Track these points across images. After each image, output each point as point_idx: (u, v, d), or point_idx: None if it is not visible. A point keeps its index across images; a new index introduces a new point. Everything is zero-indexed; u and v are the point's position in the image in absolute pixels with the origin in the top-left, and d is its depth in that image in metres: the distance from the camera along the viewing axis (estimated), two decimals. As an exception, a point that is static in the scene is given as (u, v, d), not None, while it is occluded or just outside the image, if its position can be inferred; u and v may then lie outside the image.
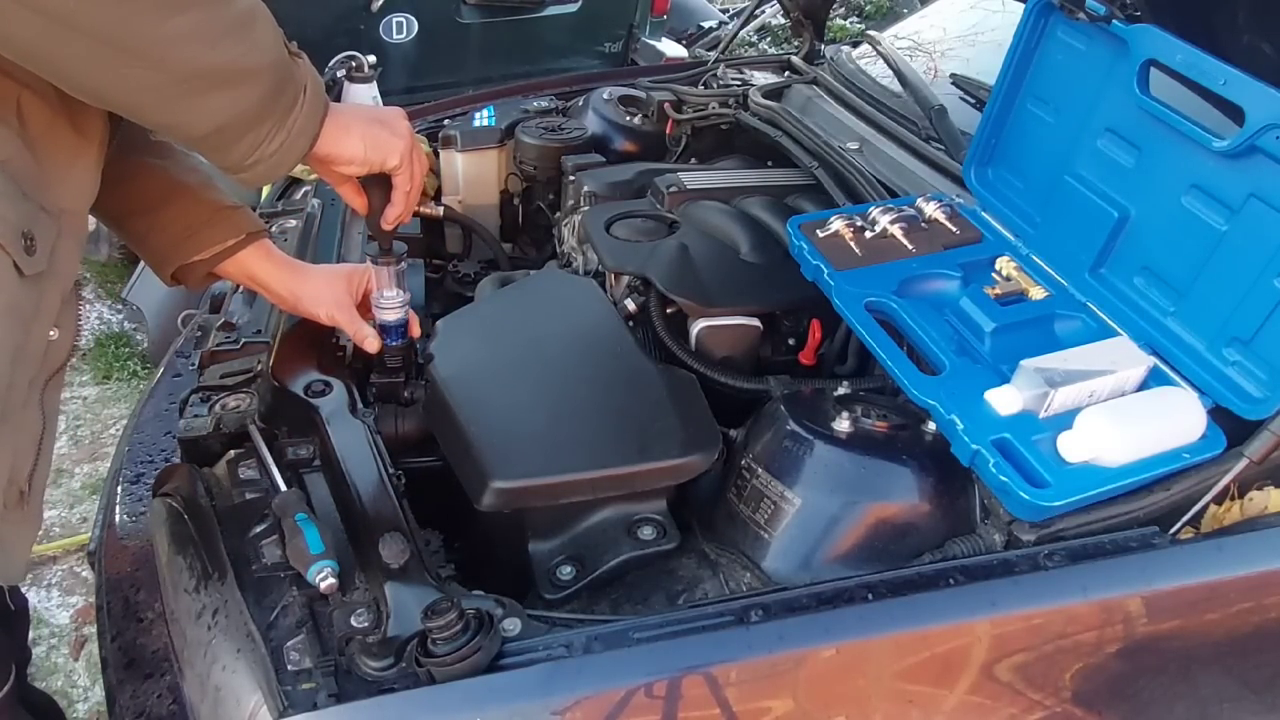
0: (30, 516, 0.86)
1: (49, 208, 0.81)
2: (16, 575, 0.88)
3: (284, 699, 0.80)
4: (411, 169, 1.02)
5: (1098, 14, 1.22)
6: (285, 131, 0.83)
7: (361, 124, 0.95)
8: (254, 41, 0.77)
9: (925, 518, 1.08)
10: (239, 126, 0.80)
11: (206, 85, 0.75)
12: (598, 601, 1.09)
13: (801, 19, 2.20)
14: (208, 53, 0.73)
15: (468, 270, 1.98)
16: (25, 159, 0.78)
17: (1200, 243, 1.14)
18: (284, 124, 0.83)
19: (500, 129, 2.04)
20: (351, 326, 1.19)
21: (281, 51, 0.81)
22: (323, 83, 0.89)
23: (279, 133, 0.82)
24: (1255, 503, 1.08)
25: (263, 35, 0.78)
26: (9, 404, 0.79)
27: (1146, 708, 1.03)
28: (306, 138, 0.86)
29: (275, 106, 0.81)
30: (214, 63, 0.74)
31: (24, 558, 0.88)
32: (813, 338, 1.48)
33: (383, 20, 3.12)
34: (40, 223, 0.80)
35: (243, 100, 0.78)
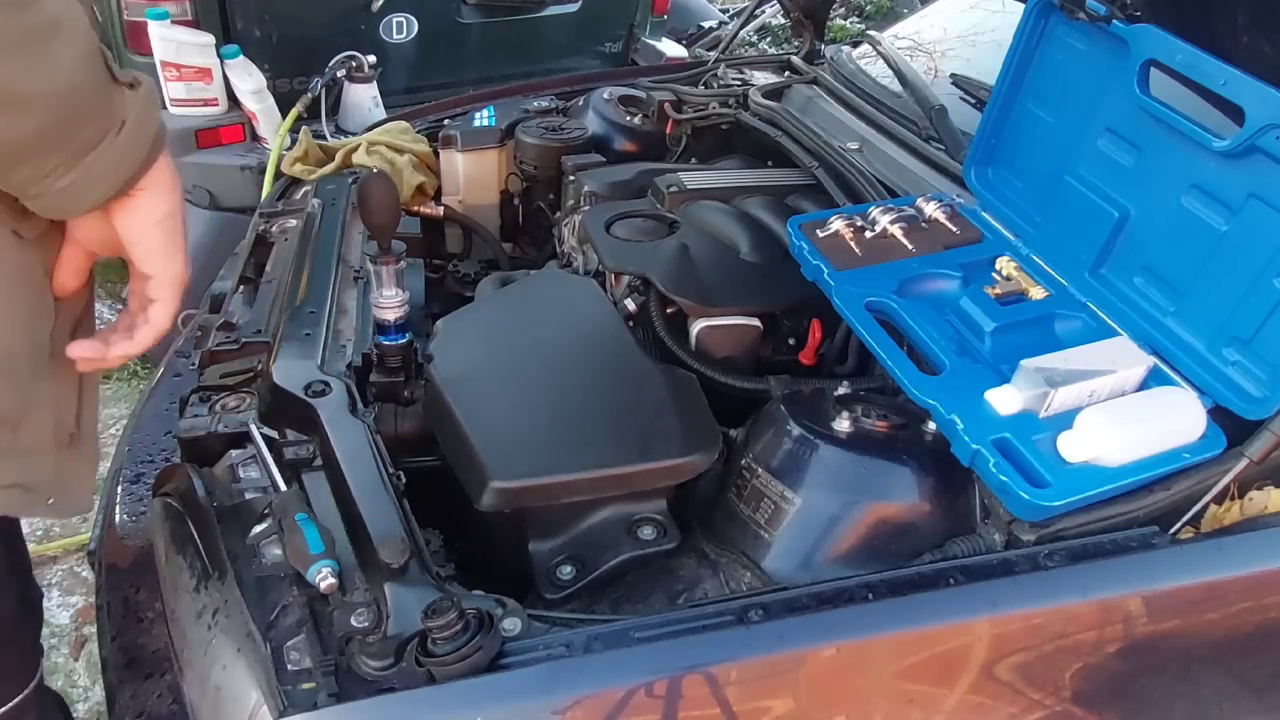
0: (86, 455, 0.88)
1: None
2: (82, 507, 0.89)
3: (284, 699, 0.80)
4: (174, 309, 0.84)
5: (1098, 14, 1.22)
6: (79, 171, 0.71)
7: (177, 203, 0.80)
8: (38, 61, 0.65)
9: (925, 517, 1.08)
10: (10, 154, 0.68)
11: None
12: (598, 601, 1.09)
13: (801, 19, 2.20)
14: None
15: (468, 270, 1.98)
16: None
17: (1200, 243, 1.14)
18: (78, 162, 0.70)
19: (500, 129, 2.04)
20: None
21: (83, 78, 0.68)
22: (159, 118, 0.76)
23: (70, 171, 0.70)
24: (1255, 503, 1.08)
25: (59, 55, 0.66)
26: (39, 360, 0.80)
27: (1146, 707, 1.03)
28: (110, 182, 0.73)
29: (64, 141, 0.69)
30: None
31: (86, 492, 0.89)
32: (813, 338, 1.48)
33: (383, 20, 3.11)
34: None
35: (14, 127, 0.66)
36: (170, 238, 0.80)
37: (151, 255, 0.81)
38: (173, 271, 0.82)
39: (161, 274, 0.82)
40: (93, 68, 0.70)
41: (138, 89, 0.73)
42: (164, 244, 0.80)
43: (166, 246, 0.80)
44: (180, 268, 0.82)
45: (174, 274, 0.82)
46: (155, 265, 0.81)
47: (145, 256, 0.81)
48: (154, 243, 0.80)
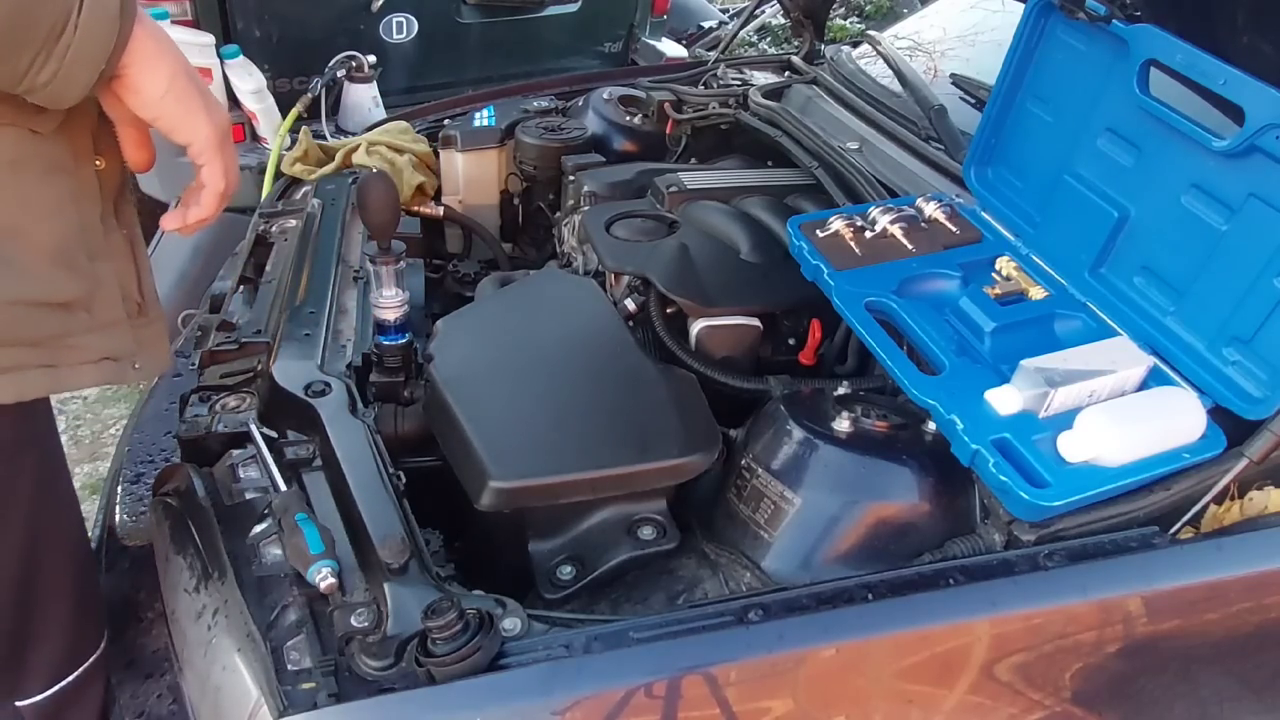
0: (155, 317, 0.93)
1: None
2: (164, 365, 0.94)
3: (284, 699, 0.80)
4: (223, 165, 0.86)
5: (1098, 14, 1.22)
6: (56, 61, 0.70)
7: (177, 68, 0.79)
8: None
9: (925, 518, 1.08)
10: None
11: None
12: (598, 601, 1.09)
13: (801, 19, 2.20)
14: None
15: (468, 270, 1.98)
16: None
17: (1200, 242, 1.14)
18: (52, 51, 0.70)
19: (500, 129, 2.04)
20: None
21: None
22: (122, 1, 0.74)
23: (48, 61, 0.70)
24: (1255, 503, 1.09)
25: None
26: (93, 242, 0.84)
27: (1146, 707, 1.03)
28: (90, 65, 0.73)
29: (28, 32, 0.68)
30: None
31: (164, 350, 0.94)
32: (813, 338, 1.48)
33: (383, 20, 3.11)
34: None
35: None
36: (183, 103, 0.80)
37: (174, 127, 0.81)
38: (203, 134, 0.82)
39: (193, 139, 0.83)
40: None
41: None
42: (181, 112, 0.80)
43: (184, 113, 0.81)
44: (208, 128, 0.82)
45: (205, 136, 0.83)
46: (183, 134, 0.82)
47: (170, 129, 0.81)
48: (170, 114, 0.80)
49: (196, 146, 0.83)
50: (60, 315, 0.82)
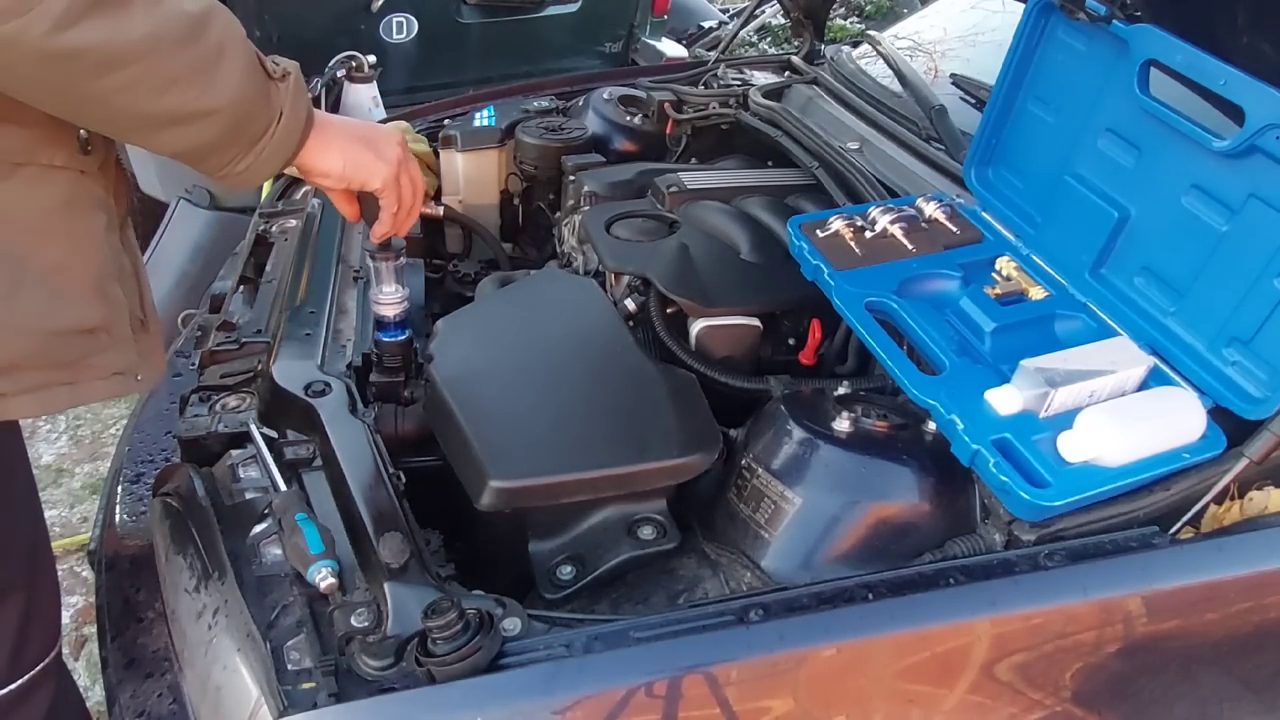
0: (155, 332, 1.00)
1: None
2: (161, 374, 1.02)
3: (284, 698, 0.80)
4: (398, 192, 1.04)
5: (1098, 14, 1.22)
6: (253, 156, 0.86)
7: (344, 142, 0.98)
8: (210, 83, 0.79)
9: (925, 517, 1.08)
10: (199, 154, 0.84)
11: (158, 125, 0.80)
12: (598, 601, 1.09)
13: (801, 19, 2.20)
14: (154, 101, 0.77)
15: (468, 270, 1.98)
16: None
17: (1200, 243, 1.14)
18: (251, 150, 0.86)
19: (500, 129, 2.04)
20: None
21: (246, 88, 0.82)
22: (307, 100, 0.92)
23: (246, 157, 0.86)
24: (1255, 503, 1.09)
25: (226, 75, 0.80)
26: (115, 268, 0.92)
27: (1147, 707, 1.03)
28: (278, 161, 0.89)
29: (238, 138, 0.84)
30: (160, 110, 0.78)
31: (161, 361, 1.02)
32: (813, 338, 1.48)
33: (383, 20, 3.11)
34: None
35: (198, 136, 0.81)
36: (358, 170, 0.99)
37: (360, 185, 1.01)
38: (379, 180, 1.01)
39: (374, 186, 1.01)
40: (253, 76, 0.83)
41: (288, 80, 0.87)
42: (358, 177, 0.99)
43: (361, 175, 0.99)
44: (384, 173, 1.00)
45: (382, 179, 1.01)
46: (368, 188, 1.01)
47: (353, 183, 1.01)
48: (351, 180, 1.00)
49: (380, 189, 1.02)
50: (87, 339, 0.90)
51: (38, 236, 0.84)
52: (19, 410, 0.88)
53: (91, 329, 0.89)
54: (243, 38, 0.83)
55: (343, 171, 0.98)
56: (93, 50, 0.71)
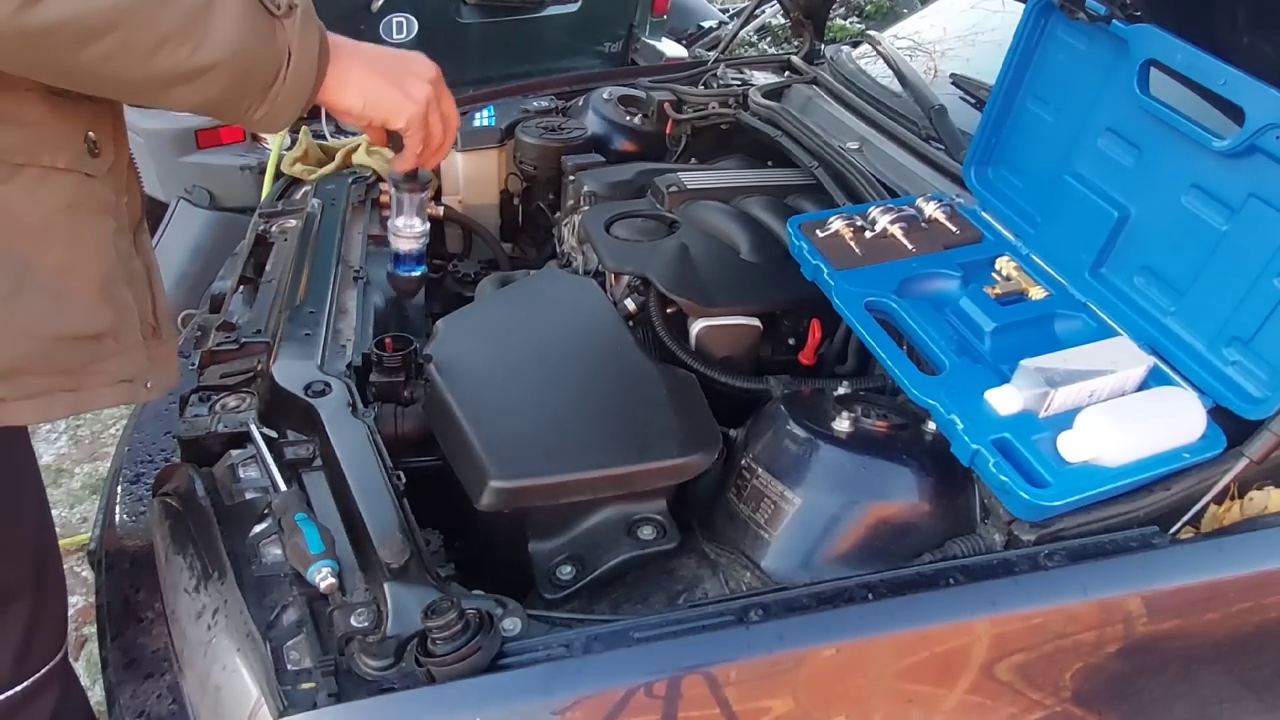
0: (167, 338, 0.98)
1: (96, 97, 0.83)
2: (173, 382, 0.99)
3: (284, 699, 0.80)
4: (423, 132, 0.99)
5: (1098, 14, 1.22)
6: (269, 104, 0.82)
7: (365, 77, 0.93)
8: (203, 38, 0.75)
9: (925, 517, 1.08)
10: (212, 107, 0.81)
11: (157, 87, 0.77)
12: (598, 601, 1.09)
13: (801, 19, 2.20)
14: (144, 65, 0.73)
15: (468, 270, 1.98)
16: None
17: (1200, 242, 1.14)
18: (265, 98, 0.82)
19: (500, 129, 2.04)
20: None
21: (246, 36, 0.77)
22: (318, 33, 0.86)
23: (261, 105, 0.82)
24: (1255, 502, 1.08)
25: (219, 25, 0.75)
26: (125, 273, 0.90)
27: (1147, 707, 1.03)
28: (295, 104, 0.85)
29: (248, 88, 0.80)
30: (154, 72, 0.74)
31: (173, 369, 0.99)
32: (813, 338, 1.48)
33: (383, 20, 3.11)
34: (96, 117, 0.85)
35: (203, 92, 0.78)
36: (381, 106, 0.94)
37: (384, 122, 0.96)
38: (405, 117, 0.96)
39: (399, 124, 0.96)
40: (252, 19, 0.78)
41: (294, 14, 0.82)
42: (381, 114, 0.94)
43: (385, 112, 0.94)
44: (400, 119, 0.95)
45: (408, 117, 0.96)
46: (393, 125, 0.96)
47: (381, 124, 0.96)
48: (374, 117, 0.94)
49: (406, 128, 0.97)
50: (92, 345, 0.87)
51: (40, 239, 0.81)
52: (19, 416, 0.85)
53: (97, 334, 0.87)
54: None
55: (362, 110, 0.93)
56: (66, 24, 0.68)
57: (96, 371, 0.89)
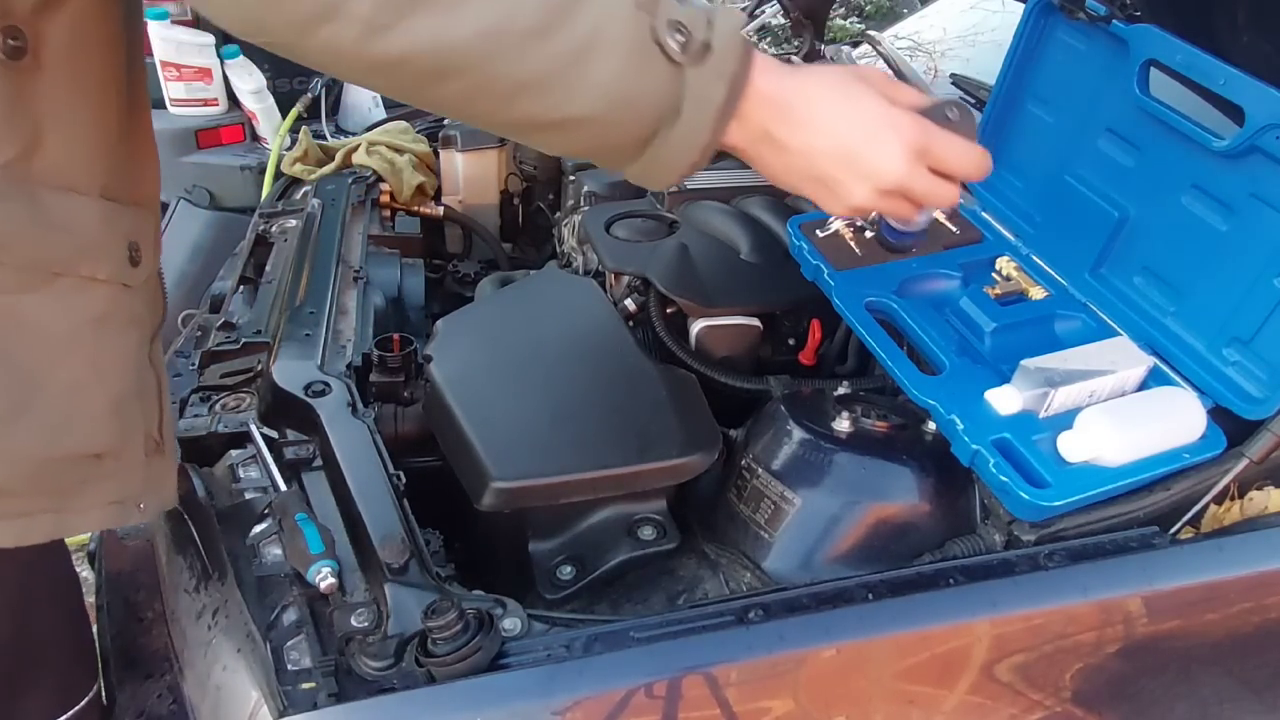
0: (167, 455, 0.90)
1: (142, 201, 0.80)
2: (168, 504, 0.91)
3: (284, 699, 0.80)
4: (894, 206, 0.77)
5: (1098, 14, 1.22)
6: (644, 161, 0.70)
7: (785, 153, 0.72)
8: (571, 87, 0.63)
9: (925, 518, 1.08)
10: (584, 156, 0.72)
11: (524, 131, 0.68)
12: (598, 601, 1.09)
13: (801, 19, 2.19)
14: (504, 110, 0.64)
15: (468, 270, 1.98)
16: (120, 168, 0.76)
17: (1200, 243, 1.14)
18: (640, 154, 0.69)
19: (500, 129, 2.04)
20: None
21: (625, 88, 0.65)
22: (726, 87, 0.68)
23: (635, 160, 0.70)
24: (1255, 503, 1.08)
25: (595, 74, 0.63)
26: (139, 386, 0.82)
27: (1147, 708, 1.03)
28: (674, 169, 0.70)
29: (618, 145, 0.69)
30: (513, 119, 0.66)
31: (172, 488, 0.91)
32: (813, 338, 1.48)
33: (383, 20, 3.11)
34: (140, 223, 0.79)
35: (571, 142, 0.68)
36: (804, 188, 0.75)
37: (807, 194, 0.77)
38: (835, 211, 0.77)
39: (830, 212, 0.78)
40: (637, 73, 0.65)
41: (704, 61, 0.66)
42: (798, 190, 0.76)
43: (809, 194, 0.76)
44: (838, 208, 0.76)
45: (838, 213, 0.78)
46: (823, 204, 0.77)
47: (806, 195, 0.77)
48: (803, 187, 0.76)
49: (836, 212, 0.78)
50: (90, 464, 0.78)
51: (60, 354, 0.72)
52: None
53: (98, 454, 0.78)
54: (628, 15, 0.64)
55: (785, 186, 0.75)
56: (414, 58, 0.60)
57: (88, 492, 0.78)
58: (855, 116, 0.74)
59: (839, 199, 0.76)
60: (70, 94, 0.69)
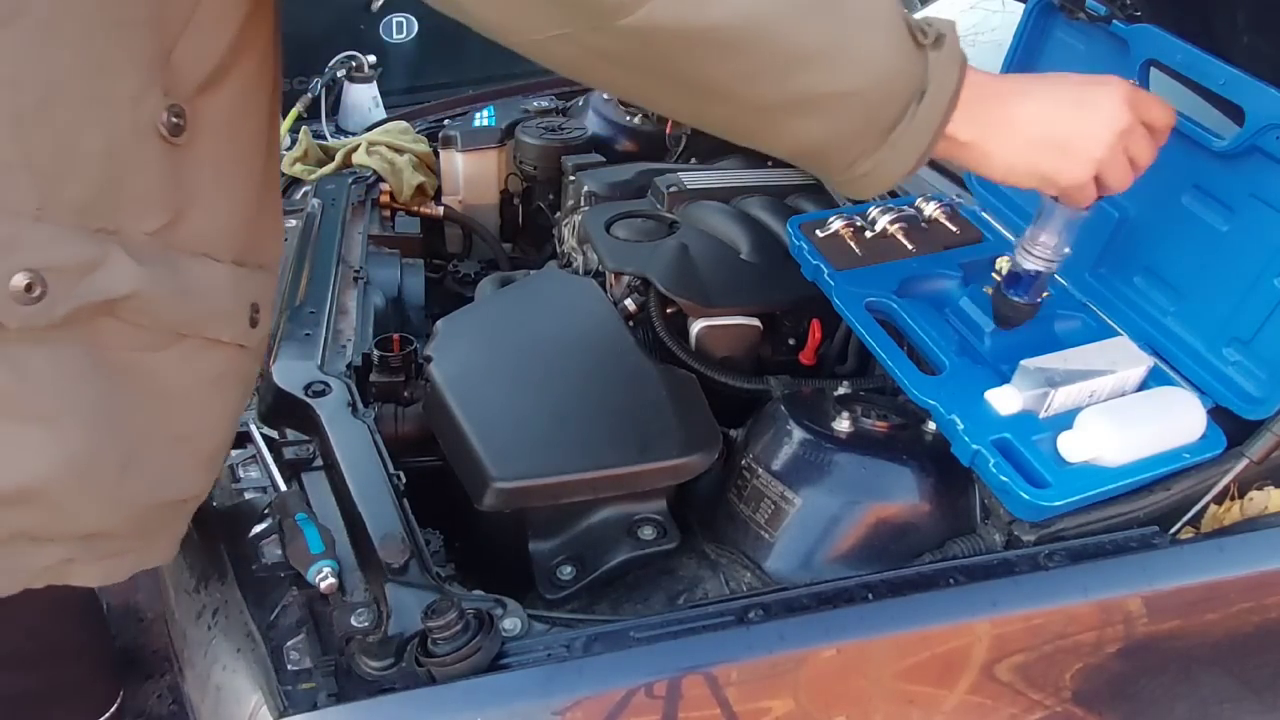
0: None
1: (266, 264, 0.81)
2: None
3: (284, 699, 0.80)
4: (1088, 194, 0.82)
5: (1098, 14, 1.22)
6: (884, 150, 0.71)
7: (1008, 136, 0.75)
8: (843, 64, 0.65)
9: (925, 518, 1.08)
10: (820, 151, 0.71)
11: (779, 117, 0.68)
12: (598, 601, 1.09)
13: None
14: (779, 85, 0.65)
15: (468, 270, 1.98)
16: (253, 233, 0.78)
17: (1200, 243, 1.14)
18: (882, 143, 0.70)
19: (500, 129, 2.04)
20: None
21: (892, 61, 0.67)
22: (958, 72, 0.70)
23: (875, 152, 0.71)
24: (1255, 503, 1.08)
25: (870, 44, 0.65)
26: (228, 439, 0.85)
27: (1147, 708, 1.03)
28: (909, 157, 0.72)
29: (870, 127, 0.69)
30: (785, 95, 0.65)
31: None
32: (813, 338, 1.48)
33: (383, 20, 3.11)
34: (263, 286, 0.81)
35: (824, 127, 0.68)
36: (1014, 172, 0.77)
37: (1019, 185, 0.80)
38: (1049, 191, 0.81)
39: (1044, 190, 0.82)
40: (898, 48, 0.67)
41: (941, 46, 0.69)
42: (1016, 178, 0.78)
43: (1019, 179, 0.78)
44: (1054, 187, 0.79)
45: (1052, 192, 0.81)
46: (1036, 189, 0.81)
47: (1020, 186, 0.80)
48: (1009, 179, 0.78)
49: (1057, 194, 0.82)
50: (176, 508, 0.82)
51: (174, 410, 0.75)
52: (82, 577, 0.76)
53: (185, 499, 0.82)
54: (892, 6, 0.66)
55: (1003, 177, 0.78)
56: (723, 27, 0.60)
57: (167, 531, 0.83)
58: (1060, 81, 0.78)
59: (1078, 158, 0.78)
60: (219, 167, 0.71)
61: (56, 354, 0.64)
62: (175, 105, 0.65)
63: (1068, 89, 0.79)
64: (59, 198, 0.61)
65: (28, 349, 0.62)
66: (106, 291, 0.64)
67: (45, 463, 0.66)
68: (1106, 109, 0.78)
